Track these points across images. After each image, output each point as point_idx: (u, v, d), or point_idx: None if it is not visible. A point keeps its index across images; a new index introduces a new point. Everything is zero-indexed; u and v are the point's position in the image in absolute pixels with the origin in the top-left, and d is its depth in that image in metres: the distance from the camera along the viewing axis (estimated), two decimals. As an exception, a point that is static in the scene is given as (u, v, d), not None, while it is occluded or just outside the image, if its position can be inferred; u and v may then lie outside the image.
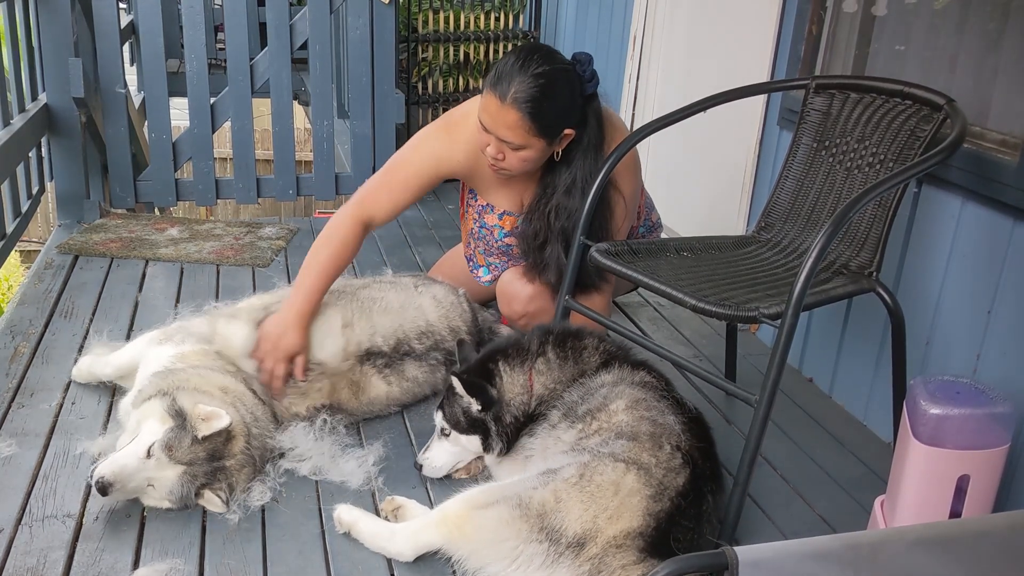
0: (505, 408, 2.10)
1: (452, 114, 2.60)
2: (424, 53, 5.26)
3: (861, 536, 1.41)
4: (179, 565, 1.86)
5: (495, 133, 2.34)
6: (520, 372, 2.14)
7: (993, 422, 1.80)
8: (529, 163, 2.42)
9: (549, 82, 2.29)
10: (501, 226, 2.73)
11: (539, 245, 2.57)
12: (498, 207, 2.71)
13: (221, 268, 3.48)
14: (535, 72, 2.28)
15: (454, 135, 2.54)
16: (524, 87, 2.27)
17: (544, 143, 2.38)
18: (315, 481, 2.16)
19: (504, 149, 2.37)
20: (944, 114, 2.11)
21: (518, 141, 2.34)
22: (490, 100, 2.31)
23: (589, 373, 2.10)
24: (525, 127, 2.31)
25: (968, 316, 2.26)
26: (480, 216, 2.76)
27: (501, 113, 2.30)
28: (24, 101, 3.72)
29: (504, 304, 2.72)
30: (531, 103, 2.28)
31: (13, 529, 1.94)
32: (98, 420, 2.37)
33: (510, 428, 2.10)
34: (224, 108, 4.02)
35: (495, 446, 2.10)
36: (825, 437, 2.55)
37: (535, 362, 2.15)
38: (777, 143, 3.07)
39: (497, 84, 2.29)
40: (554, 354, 2.16)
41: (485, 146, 2.40)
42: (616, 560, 1.68)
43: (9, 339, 2.78)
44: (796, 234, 2.42)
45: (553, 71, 2.31)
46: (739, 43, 3.36)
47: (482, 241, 2.81)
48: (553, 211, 2.52)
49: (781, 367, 1.88)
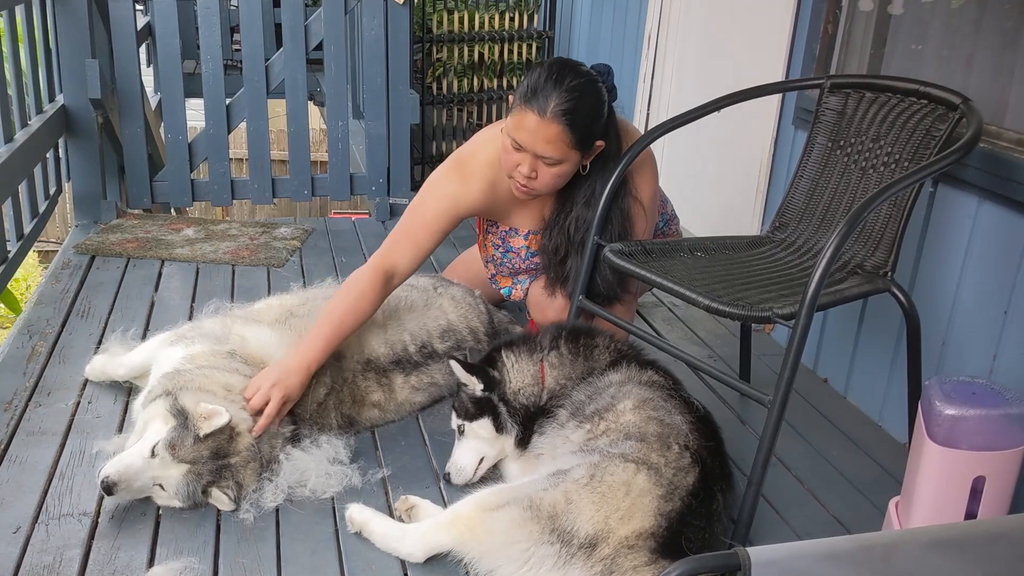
0: (513, 394, 2.13)
1: (459, 154, 2.57)
2: (439, 53, 5.27)
3: (875, 537, 1.40)
4: (193, 564, 1.87)
5: (533, 150, 2.31)
6: (530, 362, 2.16)
7: (1009, 423, 1.79)
8: (561, 179, 2.41)
9: (584, 94, 2.29)
10: (528, 246, 2.71)
11: (560, 259, 2.57)
12: (522, 228, 2.69)
13: (236, 268, 3.50)
14: (571, 85, 2.27)
15: (466, 173, 2.51)
16: (563, 100, 2.25)
17: (579, 156, 2.37)
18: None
19: (539, 166, 2.34)
20: (960, 113, 2.10)
21: (557, 155, 2.32)
22: (527, 116, 2.28)
23: (598, 372, 2.11)
24: (566, 140, 2.29)
25: (984, 317, 2.24)
26: (504, 241, 2.74)
27: (542, 128, 2.27)
28: (42, 102, 3.75)
29: (537, 312, 2.72)
30: (571, 115, 2.27)
31: (30, 527, 1.96)
32: (114, 419, 2.39)
33: (521, 413, 2.12)
34: (239, 109, 4.03)
35: (508, 427, 2.12)
36: (840, 438, 2.54)
37: (548, 355, 2.17)
38: (792, 143, 3.06)
39: (533, 100, 2.27)
40: (567, 349, 2.17)
41: (514, 167, 2.36)
42: (628, 561, 1.68)
43: (27, 339, 2.80)
44: (810, 234, 2.41)
45: (587, 83, 2.30)
46: (754, 42, 3.35)
47: (505, 266, 2.79)
48: (573, 223, 2.52)
49: (795, 367, 1.87)
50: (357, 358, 2.40)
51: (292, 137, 4.11)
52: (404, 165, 4.23)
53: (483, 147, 2.53)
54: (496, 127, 2.54)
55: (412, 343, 2.48)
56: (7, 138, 3.23)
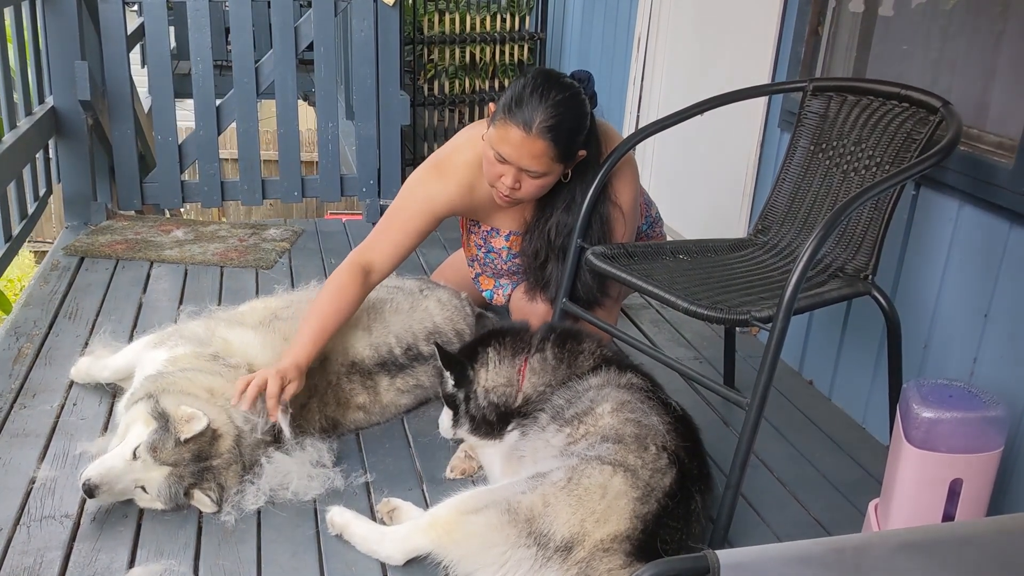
0: (483, 392, 2.17)
1: (438, 155, 2.59)
2: (431, 55, 5.27)
3: (846, 540, 1.40)
4: (174, 566, 1.87)
5: (518, 163, 2.31)
6: (509, 364, 2.18)
7: (986, 426, 1.79)
8: (545, 188, 2.42)
9: (568, 108, 2.29)
10: (509, 247, 2.72)
11: (540, 264, 2.58)
12: (503, 229, 2.70)
13: (225, 270, 3.50)
14: (556, 100, 2.27)
15: (444, 173, 2.53)
16: (548, 116, 2.26)
17: (563, 167, 2.38)
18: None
19: (523, 178, 2.35)
20: (940, 116, 2.10)
21: (542, 169, 2.33)
22: (512, 131, 2.28)
23: (578, 376, 2.11)
24: (551, 154, 2.30)
25: (965, 319, 2.25)
26: (486, 241, 2.75)
27: (527, 144, 2.28)
28: (31, 104, 3.75)
29: (519, 318, 2.72)
30: (556, 131, 2.27)
31: (11, 529, 1.96)
32: (99, 421, 2.39)
33: (485, 412, 2.15)
34: (229, 110, 4.04)
35: (462, 425, 2.21)
36: (823, 440, 2.54)
37: (532, 357, 2.18)
38: (778, 145, 3.07)
39: (517, 114, 2.27)
40: (552, 354, 2.18)
41: (497, 177, 2.37)
42: (603, 564, 1.68)
43: (13, 340, 2.81)
44: (793, 237, 2.42)
45: (570, 96, 2.30)
46: (742, 45, 3.35)
47: (489, 266, 2.81)
48: (553, 228, 2.53)
49: (772, 370, 1.88)
50: (342, 360, 2.41)
51: (282, 138, 4.11)
52: (395, 166, 4.23)
53: (462, 149, 2.54)
54: (476, 128, 2.55)
55: (398, 345, 2.48)
56: (-4, 139, 3.24)
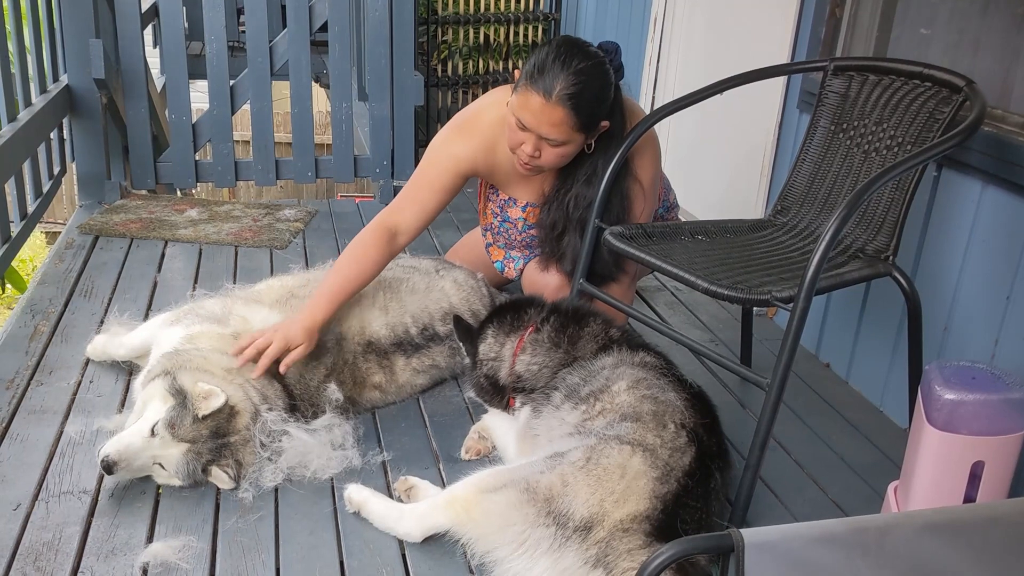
0: (479, 364, 2.27)
1: (462, 115, 2.59)
2: (444, 35, 5.25)
3: (869, 520, 1.40)
4: (192, 542, 1.88)
5: (537, 131, 2.30)
6: (506, 340, 2.27)
7: (1009, 408, 1.78)
8: (566, 158, 2.41)
9: (591, 77, 2.27)
10: (525, 218, 2.71)
11: (557, 235, 2.57)
12: (520, 200, 2.70)
13: (239, 249, 3.50)
14: (578, 68, 2.25)
15: (467, 134, 2.53)
16: (569, 83, 2.24)
17: (583, 137, 2.37)
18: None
19: (543, 146, 2.34)
20: (963, 96, 2.08)
21: (562, 137, 2.31)
22: (532, 98, 2.27)
23: (587, 357, 2.11)
24: (571, 123, 2.29)
25: (987, 301, 2.23)
26: (503, 211, 2.74)
27: (546, 111, 2.26)
28: (46, 82, 3.75)
29: (531, 291, 2.71)
30: (577, 99, 2.25)
31: (30, 505, 1.97)
32: (115, 398, 2.40)
33: (482, 381, 2.28)
34: (243, 90, 4.02)
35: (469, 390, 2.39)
36: (841, 423, 2.53)
37: (528, 337, 2.22)
38: (796, 126, 3.04)
39: (539, 81, 2.25)
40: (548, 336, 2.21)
41: (518, 144, 2.36)
42: (623, 544, 1.67)
43: (29, 318, 2.81)
44: (812, 218, 2.40)
45: (593, 65, 2.28)
46: (760, 25, 3.32)
47: (502, 235, 2.80)
48: (572, 200, 2.52)
49: (793, 351, 1.87)
50: (358, 340, 2.40)
51: (296, 118, 4.09)
52: (408, 147, 4.21)
53: (486, 109, 2.54)
54: (501, 91, 2.54)
55: (414, 325, 2.48)
56: (10, 117, 3.23)
